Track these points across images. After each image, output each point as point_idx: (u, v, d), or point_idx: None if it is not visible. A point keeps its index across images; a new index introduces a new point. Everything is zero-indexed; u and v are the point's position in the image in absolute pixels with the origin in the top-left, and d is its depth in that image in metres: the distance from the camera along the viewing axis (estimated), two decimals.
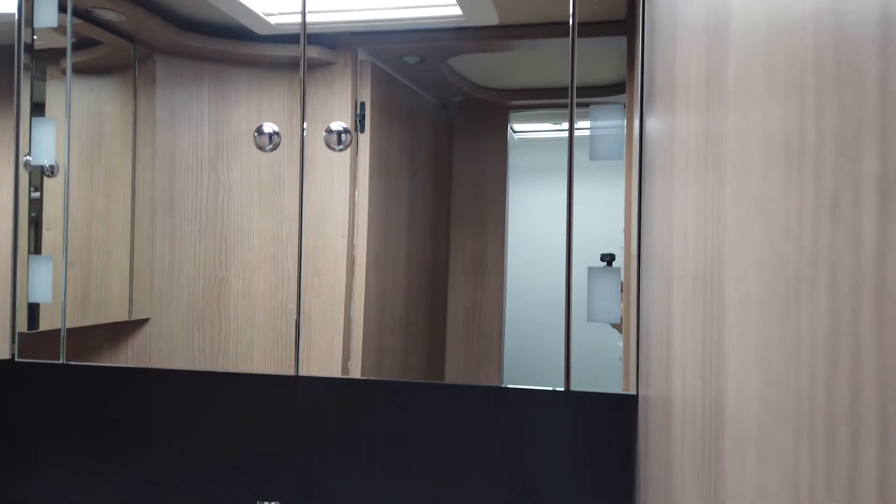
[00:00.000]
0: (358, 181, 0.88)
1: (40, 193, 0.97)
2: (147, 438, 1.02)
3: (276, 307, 0.88)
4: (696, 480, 0.35)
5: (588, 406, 0.91)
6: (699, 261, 0.35)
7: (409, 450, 0.95)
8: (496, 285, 0.85)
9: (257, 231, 0.90)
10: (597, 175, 0.81)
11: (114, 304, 0.95)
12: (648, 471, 0.67)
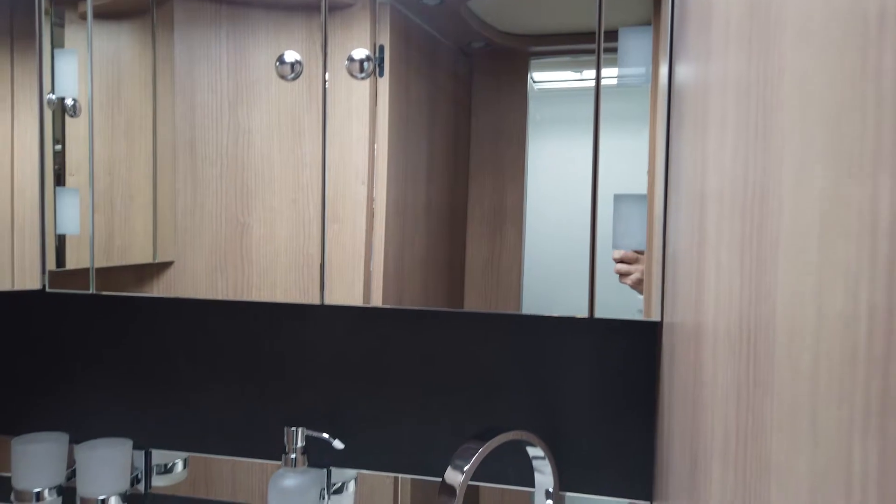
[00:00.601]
0: (377, 128, 0.87)
1: (62, 146, 0.98)
2: (175, 367, 1.05)
3: (297, 252, 0.90)
4: (728, 406, 0.36)
5: (611, 334, 0.91)
6: (739, 187, 0.35)
7: (430, 378, 0.97)
8: (515, 237, 0.85)
9: (278, 176, 0.90)
10: (621, 120, 0.80)
11: (138, 248, 0.97)
12: (672, 397, 0.68)
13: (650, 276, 0.77)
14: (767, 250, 0.28)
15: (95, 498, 0.98)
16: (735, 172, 0.36)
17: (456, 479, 0.77)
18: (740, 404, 0.33)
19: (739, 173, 0.35)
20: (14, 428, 1.12)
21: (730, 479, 0.34)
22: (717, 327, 0.40)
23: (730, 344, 0.36)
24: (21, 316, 1.11)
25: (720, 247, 0.41)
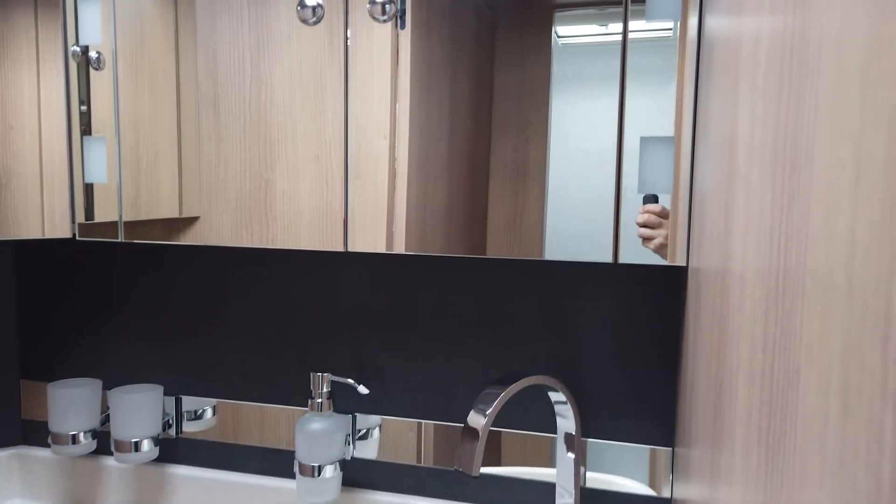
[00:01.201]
0: (399, 82, 0.88)
1: (87, 106, 1.00)
2: (203, 315, 1.08)
3: (321, 208, 0.91)
4: (756, 350, 0.37)
5: (635, 280, 0.92)
6: (771, 131, 0.35)
7: (452, 325, 0.99)
8: (538, 193, 0.86)
9: (301, 131, 0.91)
10: (648, 75, 0.80)
11: (164, 203, 0.99)
12: (697, 340, 0.69)
13: (675, 220, 0.78)
14: (801, 194, 0.29)
15: (129, 440, 1.02)
16: (767, 117, 0.37)
17: (478, 423, 0.79)
18: (767, 334, 0.34)
19: (772, 117, 0.35)
20: (49, 375, 1.16)
21: (755, 397, 0.36)
22: (746, 270, 0.41)
23: (759, 287, 0.37)
24: (52, 265, 1.14)
25: (750, 191, 0.41)
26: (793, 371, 0.28)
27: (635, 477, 0.94)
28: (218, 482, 1.06)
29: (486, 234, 0.87)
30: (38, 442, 1.17)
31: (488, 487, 0.98)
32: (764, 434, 0.34)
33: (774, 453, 0.32)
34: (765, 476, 0.34)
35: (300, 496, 0.95)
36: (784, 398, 0.30)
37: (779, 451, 0.30)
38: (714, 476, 0.54)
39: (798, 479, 0.27)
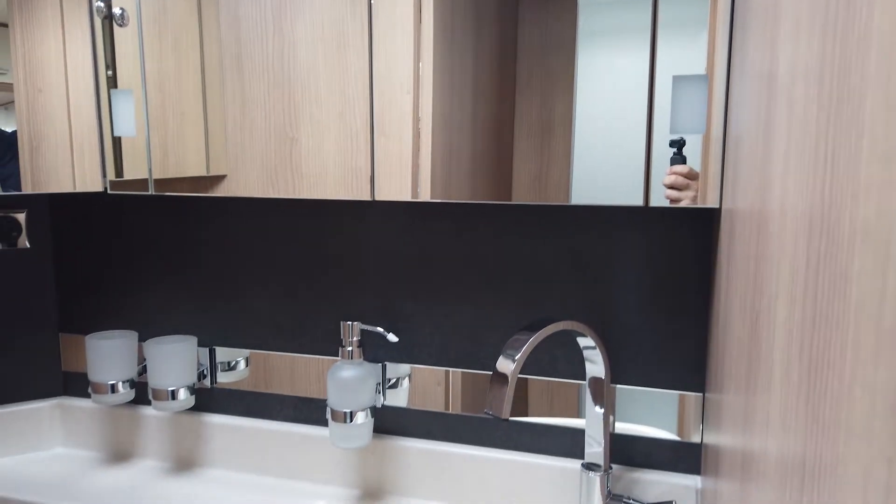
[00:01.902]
0: (422, 38, 0.88)
1: (113, 71, 1.01)
2: (234, 267, 1.10)
3: (345, 165, 0.92)
4: (795, 298, 0.38)
5: (665, 223, 0.91)
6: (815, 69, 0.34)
7: (480, 273, 0.99)
8: (563, 152, 0.86)
9: (324, 89, 0.92)
10: (678, 26, 0.79)
11: (192, 162, 1.00)
12: (730, 283, 0.70)
13: (708, 161, 0.78)
14: (847, 134, 0.28)
15: (165, 389, 1.05)
16: (812, 47, 0.36)
17: (507, 367, 0.81)
18: (812, 247, 0.35)
19: (816, 48, 0.35)
20: (86, 328, 1.19)
21: (796, 313, 0.37)
22: (787, 207, 0.41)
23: (803, 222, 0.36)
24: (86, 221, 1.17)
25: (791, 130, 0.41)
26: (840, 274, 0.29)
27: (664, 424, 0.95)
28: (253, 430, 1.10)
29: (512, 186, 0.88)
30: (78, 393, 1.21)
31: (517, 433, 1.01)
32: (807, 346, 0.35)
33: (818, 362, 0.33)
34: (807, 389, 0.35)
35: (333, 442, 0.98)
36: (830, 307, 0.30)
37: (823, 354, 0.32)
38: (748, 416, 0.56)
39: (847, 387, 0.28)
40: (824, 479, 0.31)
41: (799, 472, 0.36)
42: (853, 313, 0.27)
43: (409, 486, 1.03)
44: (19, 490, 1.03)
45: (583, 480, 0.91)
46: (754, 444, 0.51)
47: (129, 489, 1.05)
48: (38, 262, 1.17)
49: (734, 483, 0.64)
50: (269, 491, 1.05)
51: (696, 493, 0.92)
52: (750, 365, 0.54)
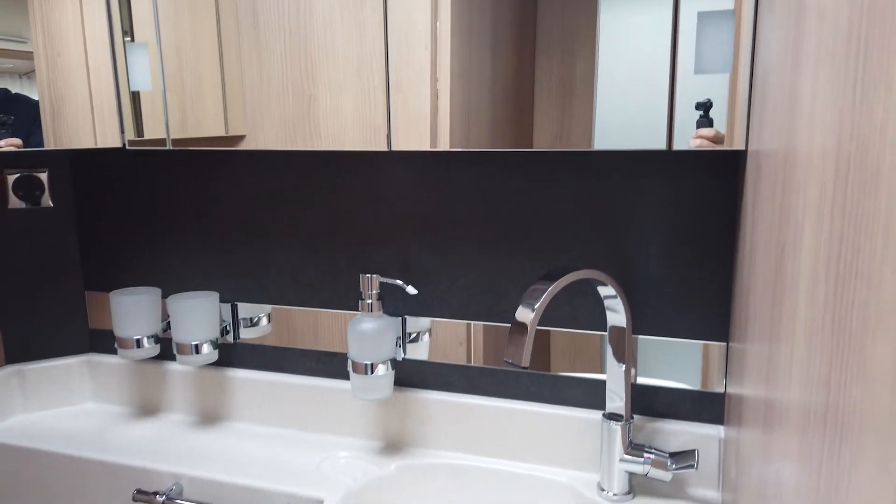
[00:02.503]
0: None
1: (131, 36, 1.01)
2: (253, 223, 1.11)
3: (364, 124, 0.91)
4: (820, 238, 0.37)
5: (689, 168, 0.89)
6: None
7: (500, 224, 0.98)
8: (585, 111, 0.84)
9: (341, 45, 0.90)
10: None
11: (210, 123, 1.00)
12: (755, 233, 0.69)
13: (734, 100, 0.75)
14: (876, 68, 0.27)
15: (189, 343, 1.06)
16: None
17: (527, 317, 0.80)
18: (840, 171, 0.34)
19: None
20: (110, 286, 1.21)
21: (824, 232, 0.35)
22: (813, 145, 0.40)
23: (828, 163, 0.35)
24: (106, 179, 1.18)
25: (819, 67, 0.40)
26: (870, 190, 0.28)
27: (687, 377, 0.94)
28: (276, 384, 1.11)
29: (533, 142, 0.86)
30: (105, 349, 1.23)
31: (538, 385, 1.00)
32: (832, 283, 0.34)
33: (842, 300, 0.32)
34: (831, 331, 0.34)
35: (354, 394, 0.99)
36: (856, 243, 0.29)
37: (848, 294, 0.30)
38: (772, 359, 0.55)
39: (871, 331, 0.27)
40: (848, 427, 0.30)
41: (821, 420, 0.35)
42: (880, 249, 0.25)
43: (430, 437, 1.04)
44: (52, 443, 1.06)
45: (604, 430, 0.91)
46: (777, 391, 0.51)
47: (156, 441, 1.07)
48: (62, 220, 1.19)
49: (756, 431, 0.63)
50: (293, 443, 1.07)
51: (719, 442, 0.91)
52: (774, 307, 0.53)
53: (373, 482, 0.95)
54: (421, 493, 0.98)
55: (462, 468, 0.99)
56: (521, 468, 0.98)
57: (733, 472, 0.78)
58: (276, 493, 0.93)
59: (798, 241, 0.42)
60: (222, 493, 0.96)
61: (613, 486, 0.91)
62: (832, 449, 0.33)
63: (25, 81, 1.01)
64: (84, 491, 1.03)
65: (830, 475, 0.33)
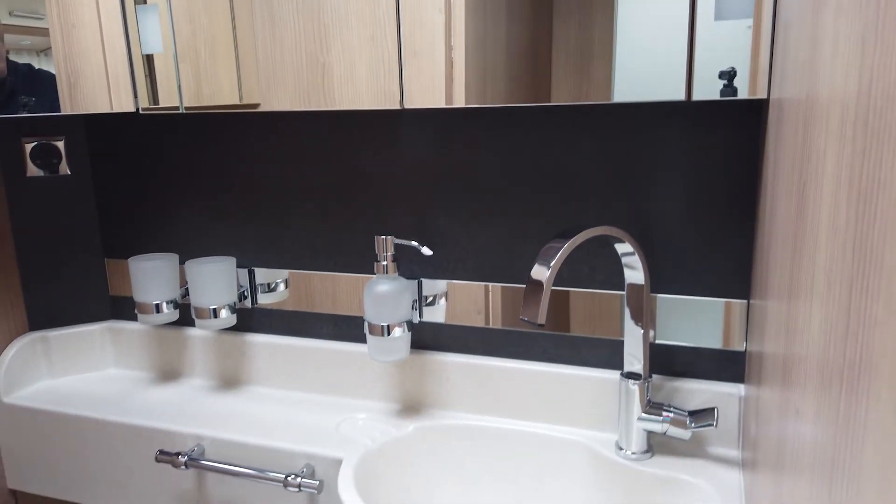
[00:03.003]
0: None
1: None
2: (268, 187, 1.10)
3: (378, 91, 0.90)
4: (842, 161, 0.36)
5: (709, 120, 0.87)
6: None
7: (516, 183, 0.97)
8: (604, 73, 0.82)
9: (354, 11, 0.89)
10: None
11: (225, 92, 1.00)
12: (777, 183, 0.67)
13: (757, 47, 0.73)
14: None
15: (207, 307, 1.07)
16: None
17: (542, 275, 0.79)
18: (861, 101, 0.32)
19: None
20: (128, 253, 1.22)
21: (845, 154, 0.34)
22: (835, 87, 0.39)
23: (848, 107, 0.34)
24: (121, 147, 1.18)
25: (840, 10, 0.38)
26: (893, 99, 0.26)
27: (708, 337, 0.93)
28: (294, 348, 1.12)
29: (551, 96, 0.84)
30: (126, 316, 1.25)
31: (556, 346, 1.00)
32: (855, 186, 0.32)
33: (863, 247, 0.30)
34: (853, 238, 0.33)
35: (371, 355, 0.99)
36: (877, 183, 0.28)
37: (868, 240, 0.29)
38: (791, 313, 0.53)
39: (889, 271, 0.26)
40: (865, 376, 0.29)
41: (838, 373, 0.35)
42: None
43: (448, 399, 1.04)
44: (78, 406, 1.08)
45: (622, 389, 0.90)
46: (795, 345, 0.50)
47: (178, 404, 1.09)
48: (79, 188, 1.19)
49: (775, 388, 0.63)
50: (312, 406, 1.07)
51: (739, 400, 0.90)
52: (794, 257, 0.52)
53: (391, 442, 0.96)
54: (439, 453, 0.98)
55: (480, 429, 0.99)
56: (539, 429, 0.98)
57: (753, 429, 0.77)
58: (296, 454, 0.94)
59: (820, 171, 0.41)
60: (243, 454, 0.97)
61: (632, 445, 0.90)
62: (849, 401, 0.32)
63: (43, 59, 1.01)
64: (109, 452, 1.05)
65: (848, 427, 0.33)
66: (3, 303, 1.15)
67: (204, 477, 0.99)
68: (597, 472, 0.93)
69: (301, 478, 0.91)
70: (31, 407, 1.10)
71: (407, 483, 0.95)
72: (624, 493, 0.90)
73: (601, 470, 0.92)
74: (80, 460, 1.07)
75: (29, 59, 1.02)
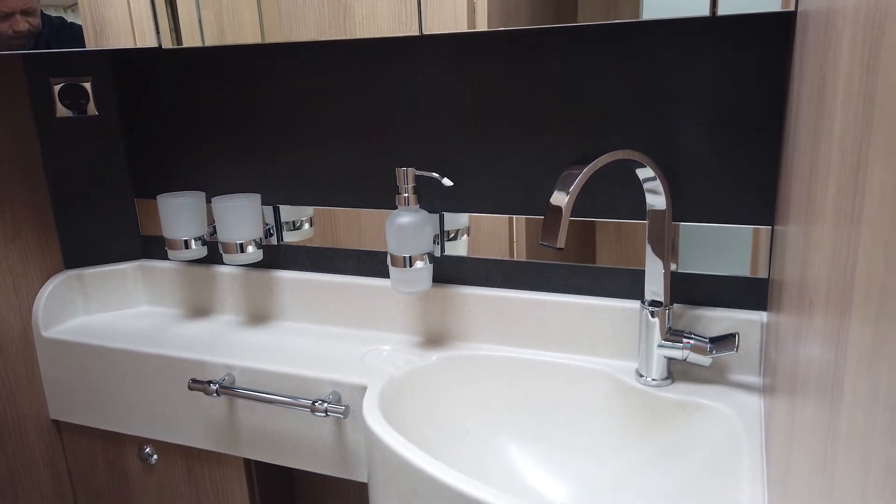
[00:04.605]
0: None
1: None
2: (290, 124, 1.11)
3: (398, 13, 0.89)
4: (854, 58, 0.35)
5: (737, 38, 0.84)
6: None
7: (537, 112, 0.96)
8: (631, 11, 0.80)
9: None
10: None
11: (247, 32, 1.00)
12: (800, 106, 0.66)
13: None
14: None
15: (234, 242, 1.09)
16: None
17: (561, 200, 0.79)
18: None
19: None
20: (156, 192, 1.24)
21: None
22: (846, 6, 0.38)
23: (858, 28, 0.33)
24: (146, 84, 1.19)
25: None
26: None
27: (734, 266, 0.92)
28: (319, 283, 1.14)
29: (577, 15, 0.83)
30: (157, 255, 1.28)
31: (577, 277, 1.00)
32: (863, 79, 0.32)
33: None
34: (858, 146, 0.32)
35: (394, 287, 1.01)
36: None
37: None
38: (808, 235, 0.53)
39: None
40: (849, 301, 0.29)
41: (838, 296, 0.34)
42: None
43: (471, 331, 1.05)
44: (114, 340, 1.12)
45: (642, 317, 0.91)
46: (809, 269, 0.49)
47: (208, 338, 1.12)
48: (108, 128, 1.21)
49: (791, 313, 0.62)
50: (338, 338, 1.10)
51: (761, 327, 0.90)
52: (812, 177, 0.51)
53: (414, 371, 0.98)
54: (461, 382, 1.00)
55: (502, 359, 1.00)
56: (560, 358, 0.99)
57: (773, 355, 0.77)
58: (323, 381, 0.97)
59: (834, 85, 0.40)
60: (271, 382, 1.00)
61: (652, 372, 0.91)
62: (843, 323, 0.33)
63: (70, 14, 1.02)
64: (144, 382, 1.09)
65: (840, 350, 0.33)
66: (39, 241, 1.19)
67: (234, 404, 1.03)
68: (617, 398, 0.94)
69: (327, 403, 0.94)
70: (69, 340, 1.14)
71: (430, 409, 0.97)
72: (644, 418, 0.91)
73: (621, 396, 0.93)
74: (117, 391, 1.12)
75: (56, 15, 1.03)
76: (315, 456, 1.00)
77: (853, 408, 0.29)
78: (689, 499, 0.80)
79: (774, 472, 0.66)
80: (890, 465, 0.23)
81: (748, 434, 0.79)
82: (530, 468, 0.94)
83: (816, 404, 0.43)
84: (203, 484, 1.13)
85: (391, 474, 0.80)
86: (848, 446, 0.31)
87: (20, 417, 1.18)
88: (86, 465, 1.23)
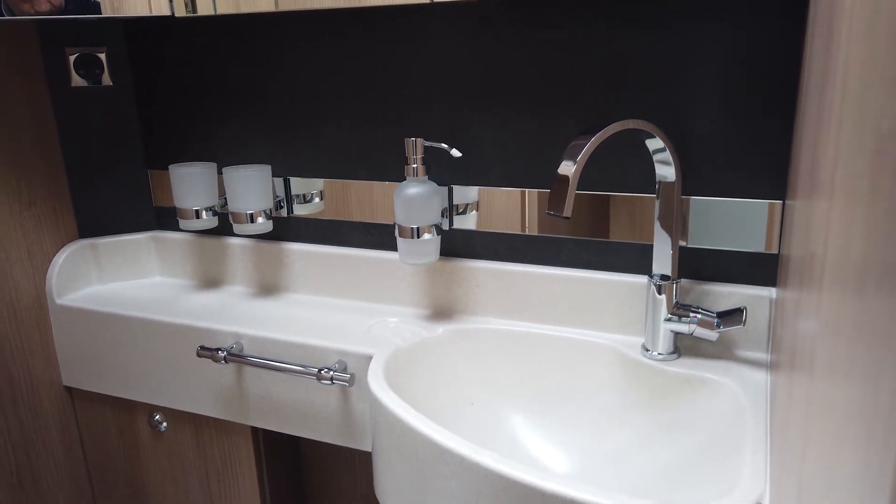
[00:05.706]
0: None
1: None
2: (300, 96, 1.11)
3: None
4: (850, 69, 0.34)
5: (751, 9, 0.83)
6: None
7: (548, 83, 0.96)
8: None
9: None
10: None
11: (261, 0, 1.00)
12: (811, 77, 0.65)
13: None
14: None
15: (244, 212, 1.10)
16: None
17: (568, 169, 0.79)
18: None
19: None
20: (167, 164, 1.25)
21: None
22: None
23: None
24: (160, 55, 1.20)
25: None
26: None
27: (745, 241, 0.91)
28: (328, 255, 1.14)
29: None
30: (170, 227, 1.29)
31: (585, 252, 1.00)
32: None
33: None
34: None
35: (402, 258, 1.01)
36: None
37: None
38: (812, 211, 0.52)
39: None
40: None
41: (831, 272, 0.34)
42: None
43: (478, 305, 1.05)
44: (126, 308, 1.13)
45: (649, 291, 0.90)
46: (811, 243, 0.49)
47: (218, 307, 1.13)
48: (122, 99, 1.22)
49: (794, 288, 0.62)
50: (345, 310, 1.10)
51: (770, 302, 0.89)
52: (817, 148, 0.50)
53: (421, 342, 0.98)
54: (467, 355, 1.01)
55: (509, 332, 1.00)
56: (566, 332, 0.98)
57: (779, 330, 0.76)
58: (330, 350, 0.97)
59: (839, 56, 0.39)
60: (279, 350, 1.01)
61: (658, 347, 0.91)
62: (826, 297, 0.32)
63: None
64: (154, 349, 1.10)
65: (827, 323, 0.33)
66: (54, 210, 1.20)
67: (242, 371, 1.04)
68: (622, 372, 0.93)
69: (333, 371, 0.94)
70: (82, 308, 1.16)
71: (435, 380, 0.97)
72: (650, 392, 0.91)
73: (627, 370, 0.93)
74: (128, 358, 1.13)
75: None
76: (321, 425, 1.01)
77: (821, 381, 0.29)
78: (690, 471, 0.80)
79: (777, 446, 0.65)
80: (856, 441, 0.23)
81: (753, 409, 0.79)
82: (534, 439, 0.94)
83: (803, 377, 0.43)
84: (211, 453, 1.15)
85: (394, 440, 0.80)
86: (819, 419, 0.30)
87: (33, 383, 1.20)
88: (97, 431, 1.25)
